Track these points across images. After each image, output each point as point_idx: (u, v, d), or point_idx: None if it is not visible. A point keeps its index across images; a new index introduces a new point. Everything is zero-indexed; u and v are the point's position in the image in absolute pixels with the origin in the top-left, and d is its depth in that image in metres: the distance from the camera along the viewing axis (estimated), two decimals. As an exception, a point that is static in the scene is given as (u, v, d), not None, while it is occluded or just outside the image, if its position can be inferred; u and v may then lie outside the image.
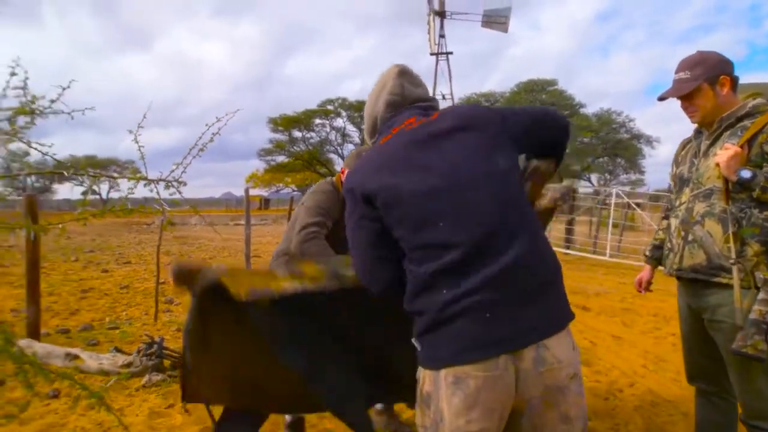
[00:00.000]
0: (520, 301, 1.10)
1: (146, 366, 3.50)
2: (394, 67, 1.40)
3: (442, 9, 22.37)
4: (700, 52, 1.78)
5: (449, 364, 1.10)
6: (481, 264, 1.09)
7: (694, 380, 1.98)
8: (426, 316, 1.13)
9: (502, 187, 1.17)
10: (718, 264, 1.68)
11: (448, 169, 1.17)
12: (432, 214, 1.14)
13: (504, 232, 1.12)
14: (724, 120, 1.72)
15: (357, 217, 1.25)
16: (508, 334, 1.08)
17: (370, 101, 1.40)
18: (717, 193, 1.69)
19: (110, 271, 9.03)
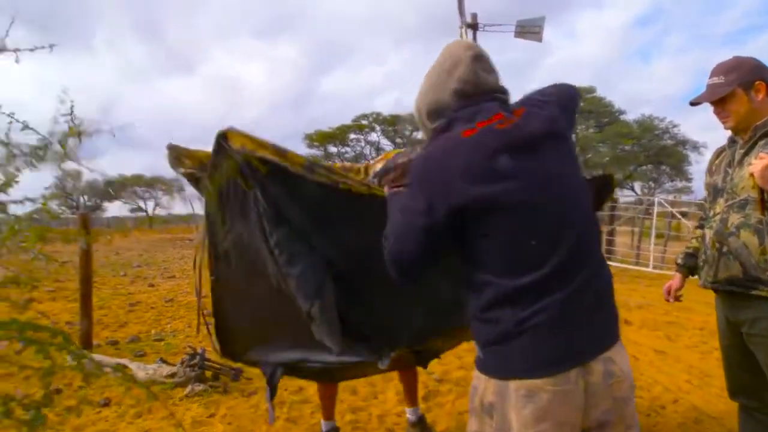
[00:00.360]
0: (587, 315, 1.12)
1: (189, 376, 3.65)
2: (468, 48, 1.25)
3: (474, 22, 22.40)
4: (735, 57, 1.75)
5: (521, 377, 1.09)
6: (561, 282, 1.10)
7: (735, 395, 1.92)
8: (499, 326, 1.12)
9: (586, 203, 1.20)
10: (754, 276, 1.63)
11: (545, 183, 1.12)
12: (526, 231, 1.11)
13: (585, 250, 1.15)
14: (759, 128, 1.69)
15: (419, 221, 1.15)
16: (578, 348, 1.10)
17: (434, 82, 1.25)
18: (752, 204, 1.65)
19: (156, 285, 9.43)
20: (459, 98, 1.20)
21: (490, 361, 1.16)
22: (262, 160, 1.57)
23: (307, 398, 3.33)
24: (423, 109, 1.28)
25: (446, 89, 1.21)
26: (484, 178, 1.10)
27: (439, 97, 1.23)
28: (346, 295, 1.73)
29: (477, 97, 1.20)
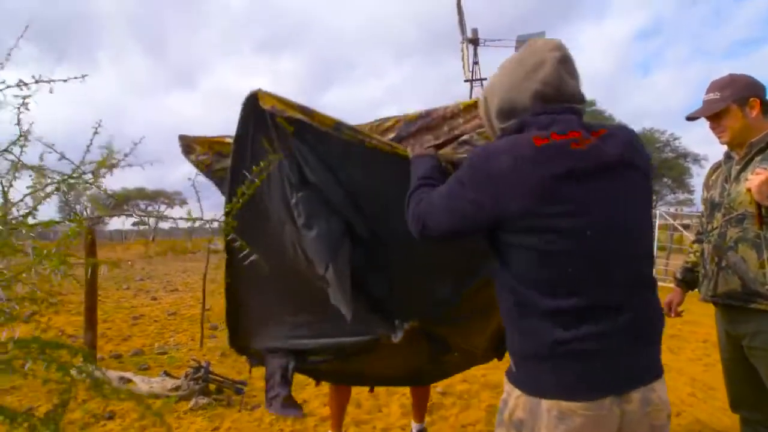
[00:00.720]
0: (630, 348, 1.10)
1: (193, 390, 3.66)
2: (554, 48, 1.15)
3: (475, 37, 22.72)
4: (731, 74, 1.80)
5: (556, 398, 1.07)
6: (607, 314, 1.07)
7: (737, 408, 1.94)
8: (535, 343, 1.10)
9: (648, 241, 1.18)
10: (753, 290, 1.66)
11: (607, 216, 1.08)
12: (575, 258, 1.06)
13: (638, 287, 1.12)
14: (755, 145, 1.73)
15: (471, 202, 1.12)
16: (615, 379, 1.09)
17: (513, 79, 1.17)
18: (749, 218, 1.69)
19: (159, 298, 9.45)
20: (538, 101, 1.13)
21: (522, 376, 1.15)
22: (290, 120, 1.57)
23: (311, 411, 3.34)
24: (494, 106, 1.21)
25: (526, 89, 1.14)
26: (544, 197, 1.05)
27: (516, 96, 1.16)
28: (362, 260, 1.72)
29: (557, 103, 1.13)
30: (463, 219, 1.15)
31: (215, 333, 6.27)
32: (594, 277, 1.08)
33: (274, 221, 1.80)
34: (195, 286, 11.52)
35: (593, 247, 1.07)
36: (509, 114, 1.18)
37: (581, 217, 1.06)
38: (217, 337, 6.10)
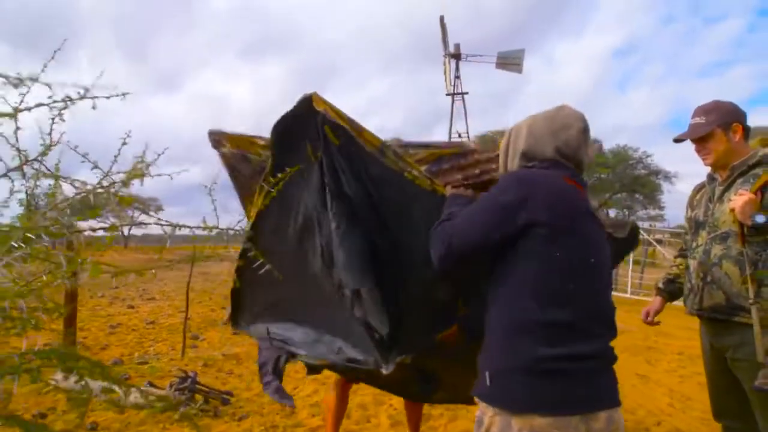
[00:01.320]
0: (597, 373, 1.22)
1: (180, 400, 3.61)
2: (579, 119, 1.39)
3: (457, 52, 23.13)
4: (715, 100, 1.92)
5: (526, 412, 1.15)
6: (589, 337, 1.21)
7: (720, 417, 2.02)
8: (516, 359, 1.19)
9: (609, 279, 1.39)
10: (737, 304, 1.76)
11: (602, 253, 1.31)
12: (578, 279, 1.22)
13: (610, 319, 1.30)
14: (737, 168, 1.84)
15: (503, 207, 1.23)
16: (591, 399, 1.19)
17: (540, 134, 1.38)
18: (733, 237, 1.79)
19: (136, 307, 9.24)
20: (558, 155, 1.35)
21: (497, 391, 1.21)
22: (338, 129, 1.59)
23: (299, 422, 3.34)
24: (519, 148, 1.41)
25: (549, 144, 1.35)
26: (572, 216, 1.25)
27: (539, 147, 1.37)
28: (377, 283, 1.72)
29: (570, 162, 1.36)
30: (492, 228, 1.24)
31: (196, 343, 6.18)
32: (588, 301, 1.23)
33: (300, 223, 1.81)
34: (172, 295, 11.31)
35: (593, 274, 1.26)
36: (530, 159, 1.38)
37: (590, 245, 1.27)
38: (198, 347, 6.01)
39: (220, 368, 4.91)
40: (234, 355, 5.42)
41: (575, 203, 1.28)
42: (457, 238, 1.28)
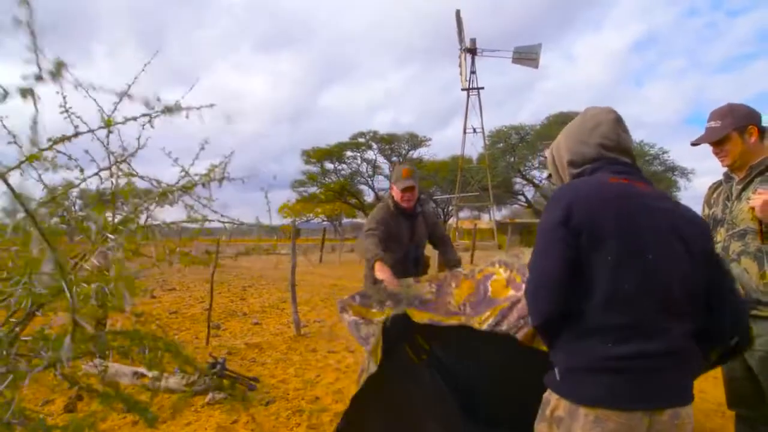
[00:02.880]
0: (665, 370, 1.24)
1: (209, 385, 3.78)
2: (609, 112, 1.45)
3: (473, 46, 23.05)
4: (729, 104, 2.00)
5: (594, 405, 1.21)
6: (647, 336, 1.23)
7: (734, 406, 2.11)
8: (582, 358, 1.25)
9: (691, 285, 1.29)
10: (755, 298, 1.84)
11: (666, 244, 1.26)
12: (635, 277, 1.22)
13: (679, 317, 1.27)
14: (755, 167, 1.92)
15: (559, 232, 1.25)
16: (655, 397, 1.22)
17: (578, 137, 1.44)
18: (751, 234, 1.87)
19: (158, 297, 9.50)
20: (602, 150, 1.40)
21: (565, 386, 1.29)
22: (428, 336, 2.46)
23: (324, 407, 3.48)
24: (565, 158, 1.48)
25: (590, 143, 1.42)
26: (612, 206, 1.26)
27: (583, 149, 1.43)
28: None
29: (615, 152, 1.41)
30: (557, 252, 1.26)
31: (218, 332, 6.38)
32: (648, 298, 1.23)
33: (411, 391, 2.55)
34: (191, 286, 11.57)
35: (651, 270, 1.24)
36: (579, 163, 1.44)
37: (645, 240, 1.25)
38: (221, 336, 6.21)
39: (243, 356, 5.08)
40: (256, 344, 5.59)
41: (623, 202, 1.27)
42: (543, 280, 1.28)
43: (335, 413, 3.35)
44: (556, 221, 1.26)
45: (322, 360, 4.90)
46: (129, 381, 4.07)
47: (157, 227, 1.12)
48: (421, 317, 2.11)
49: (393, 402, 2.43)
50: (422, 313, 2.15)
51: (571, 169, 1.46)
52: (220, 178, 1.10)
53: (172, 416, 3.35)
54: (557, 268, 1.26)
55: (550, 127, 31.24)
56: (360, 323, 2.35)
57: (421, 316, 2.12)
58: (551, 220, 1.28)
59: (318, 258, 20.01)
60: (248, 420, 3.26)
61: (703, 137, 2.00)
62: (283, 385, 4.04)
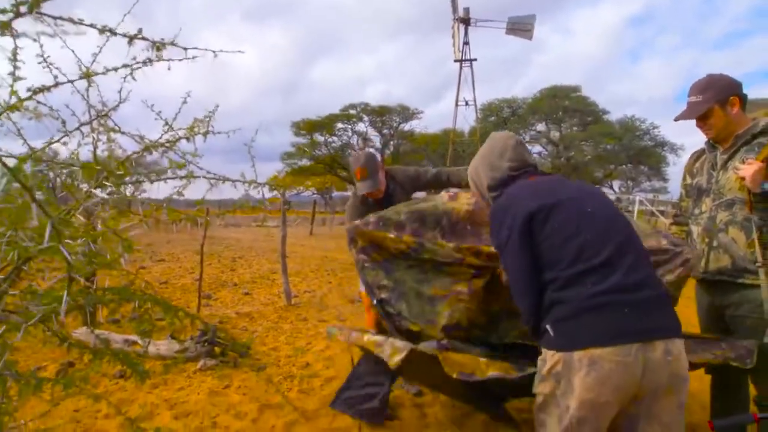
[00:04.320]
0: (651, 308, 1.34)
1: (200, 352, 3.82)
2: (511, 137, 1.74)
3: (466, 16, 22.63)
4: (709, 75, 1.97)
5: (587, 347, 1.29)
6: (616, 271, 1.35)
7: (713, 370, 2.18)
8: (568, 305, 1.34)
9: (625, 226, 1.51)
10: (742, 266, 1.87)
11: (587, 198, 1.52)
12: (578, 229, 1.41)
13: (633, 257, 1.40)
14: (740, 137, 1.91)
15: (517, 238, 1.45)
16: (641, 327, 1.30)
17: (490, 164, 1.70)
18: (738, 203, 1.88)
19: (147, 267, 9.48)
20: (510, 171, 1.66)
21: (558, 338, 1.36)
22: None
23: (315, 372, 3.54)
24: (485, 183, 1.72)
25: (501, 167, 1.68)
26: (545, 189, 1.53)
27: (496, 174, 1.68)
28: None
29: (522, 168, 1.67)
30: (518, 251, 1.46)
31: (209, 302, 6.41)
32: (607, 241, 1.40)
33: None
34: (181, 257, 11.57)
35: (597, 219, 1.45)
36: (495, 186, 1.68)
37: (580, 200, 1.49)
38: (212, 306, 6.24)
39: (234, 325, 5.12)
40: (247, 314, 5.63)
41: (548, 185, 1.55)
42: (514, 284, 1.50)
43: (326, 378, 3.41)
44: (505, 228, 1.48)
45: (313, 329, 4.96)
46: (121, 348, 4.11)
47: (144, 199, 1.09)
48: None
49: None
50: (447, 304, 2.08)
51: (491, 192, 1.70)
52: (204, 132, 1.08)
53: (163, 381, 3.39)
54: (528, 260, 1.44)
55: (542, 101, 31.06)
56: (366, 265, 2.22)
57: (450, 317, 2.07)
58: (503, 226, 1.49)
59: (308, 231, 20.01)
60: (240, 385, 3.31)
61: (686, 113, 1.98)
62: (274, 353, 4.10)
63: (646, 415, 1.34)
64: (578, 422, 1.32)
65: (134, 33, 0.86)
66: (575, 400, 1.31)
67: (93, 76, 0.95)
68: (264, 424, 2.73)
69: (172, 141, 1.09)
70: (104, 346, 1.20)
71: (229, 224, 27.00)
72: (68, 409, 2.91)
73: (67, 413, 2.87)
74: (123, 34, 0.88)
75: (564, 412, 1.35)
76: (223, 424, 2.72)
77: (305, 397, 3.09)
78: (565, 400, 1.34)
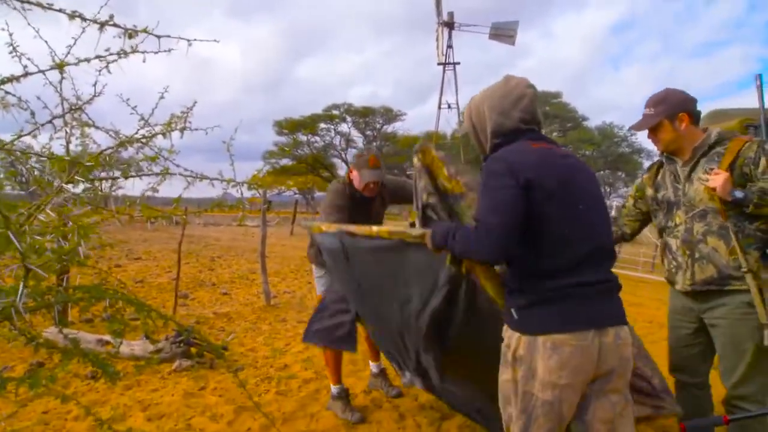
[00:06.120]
0: (606, 296, 1.46)
1: (175, 352, 3.75)
2: (529, 86, 1.59)
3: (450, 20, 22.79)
4: (666, 89, 2.03)
5: (550, 332, 1.38)
6: (587, 269, 1.42)
7: (677, 372, 2.21)
8: (536, 294, 1.41)
9: (609, 223, 1.57)
10: (727, 274, 1.90)
11: (585, 189, 1.50)
12: (572, 223, 1.42)
13: (607, 252, 1.51)
14: (698, 149, 1.97)
15: (506, 185, 1.38)
16: (598, 316, 1.41)
17: (501, 109, 1.56)
18: (711, 213, 1.92)
19: (123, 266, 9.27)
20: (521, 124, 1.56)
21: (525, 321, 1.44)
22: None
23: (293, 374, 3.51)
24: (489, 128, 1.59)
25: (512, 116, 1.55)
26: (549, 169, 1.44)
27: (505, 121, 1.56)
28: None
29: (533, 124, 1.58)
30: (509, 206, 1.38)
31: (186, 302, 6.30)
32: (586, 240, 1.44)
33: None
34: (158, 256, 11.34)
35: (585, 217, 1.46)
36: (500, 133, 1.57)
37: (577, 193, 1.46)
38: (189, 306, 6.14)
39: (212, 326, 5.04)
40: (225, 314, 5.56)
41: (553, 162, 1.46)
42: (495, 229, 1.37)
43: (304, 380, 3.39)
44: (507, 183, 1.39)
45: (292, 330, 4.92)
46: (93, 348, 4.00)
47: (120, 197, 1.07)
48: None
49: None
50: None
51: (493, 138, 1.59)
52: (181, 128, 1.06)
53: (137, 382, 3.32)
54: (512, 224, 1.38)
55: (523, 106, 31.31)
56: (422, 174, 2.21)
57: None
58: (501, 185, 1.40)
59: (289, 231, 19.85)
60: (215, 386, 3.26)
61: (638, 124, 2.05)
62: (251, 354, 4.05)
63: (597, 396, 1.45)
64: (542, 409, 1.40)
65: (105, 19, 0.84)
66: (538, 384, 1.39)
67: (65, 66, 0.92)
68: (240, 426, 2.70)
69: (147, 137, 1.06)
70: (73, 346, 1.16)
71: (209, 223, 26.62)
72: (37, 411, 2.82)
73: (35, 415, 2.78)
74: (93, 20, 0.85)
75: (528, 402, 1.43)
76: (197, 426, 2.68)
77: (283, 399, 3.06)
78: (529, 387, 1.42)
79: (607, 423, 1.45)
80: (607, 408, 1.45)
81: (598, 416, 1.45)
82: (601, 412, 1.45)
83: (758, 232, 1.88)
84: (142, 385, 3.28)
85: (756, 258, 1.87)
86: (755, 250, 1.87)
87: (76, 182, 1.01)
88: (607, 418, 1.45)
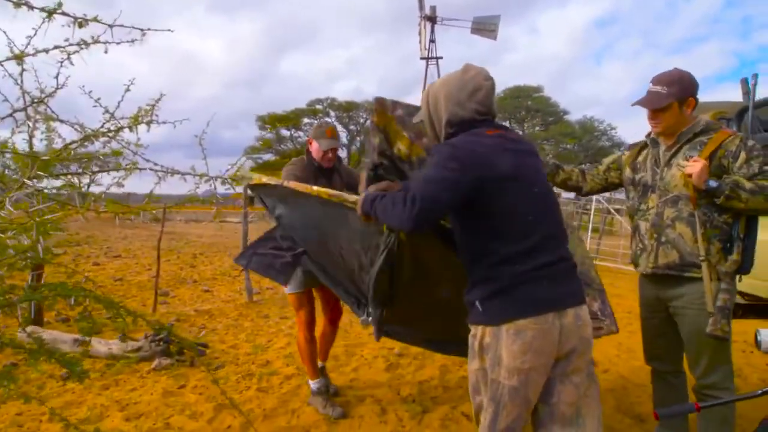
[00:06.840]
0: (564, 278, 1.50)
1: (155, 351, 3.69)
2: (487, 78, 1.59)
3: (433, 14, 22.75)
4: (678, 70, 1.97)
5: (513, 318, 1.41)
6: (547, 250, 1.46)
7: (652, 361, 2.26)
8: (498, 282, 1.44)
9: (556, 203, 1.61)
10: (689, 261, 1.93)
11: (535, 174, 1.54)
12: (525, 207, 1.46)
13: (562, 235, 1.56)
14: (683, 135, 1.97)
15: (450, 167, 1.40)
16: (557, 298, 1.45)
17: (457, 100, 1.56)
18: (683, 200, 1.93)
19: (101, 264, 9.10)
20: (476, 115, 1.57)
21: (487, 313, 1.47)
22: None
23: (274, 370, 3.48)
24: (444, 118, 1.60)
25: (467, 108, 1.56)
26: (502, 157, 1.46)
27: (460, 112, 1.57)
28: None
29: (488, 116, 1.60)
30: (446, 184, 1.40)
31: (167, 300, 6.21)
32: (543, 223, 1.48)
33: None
34: (138, 253, 11.16)
35: (540, 200, 1.51)
36: (455, 124, 1.58)
37: (532, 179, 1.51)
38: (170, 303, 6.05)
39: (193, 323, 4.98)
40: (206, 311, 5.49)
41: (507, 150, 1.49)
42: (424, 200, 1.38)
43: (285, 376, 3.37)
44: (453, 171, 1.40)
45: (274, 326, 4.89)
46: (69, 348, 3.91)
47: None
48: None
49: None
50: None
51: (447, 128, 1.60)
52: (148, 122, 1.03)
53: (115, 382, 3.26)
54: (442, 201, 1.41)
55: (505, 100, 31.65)
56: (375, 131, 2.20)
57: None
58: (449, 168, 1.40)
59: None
60: (196, 384, 3.22)
61: (646, 101, 1.97)
62: (233, 351, 4.01)
63: (561, 377, 1.49)
64: (509, 395, 1.44)
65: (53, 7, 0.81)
66: (504, 370, 1.43)
67: (23, 57, 0.89)
68: (220, 424, 2.67)
69: (114, 130, 1.03)
70: (38, 346, 1.13)
71: (191, 220, 26.25)
72: (10, 413, 2.75)
73: (8, 417, 2.71)
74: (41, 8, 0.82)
75: (495, 390, 1.46)
76: (176, 425, 2.64)
77: (264, 396, 3.04)
78: (495, 375, 1.45)
79: (572, 405, 1.50)
80: (571, 390, 1.50)
81: (563, 399, 1.50)
82: (566, 395, 1.50)
83: (725, 225, 1.91)
84: (120, 385, 3.23)
85: (718, 249, 1.90)
86: (718, 242, 1.91)
87: (39, 178, 0.98)
88: (572, 400, 1.50)
